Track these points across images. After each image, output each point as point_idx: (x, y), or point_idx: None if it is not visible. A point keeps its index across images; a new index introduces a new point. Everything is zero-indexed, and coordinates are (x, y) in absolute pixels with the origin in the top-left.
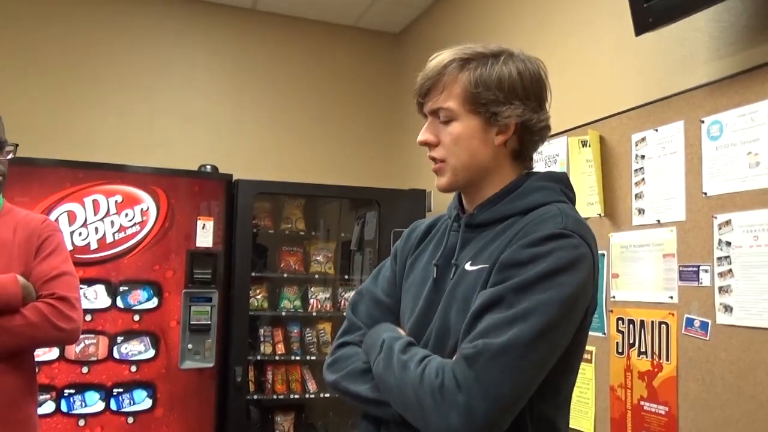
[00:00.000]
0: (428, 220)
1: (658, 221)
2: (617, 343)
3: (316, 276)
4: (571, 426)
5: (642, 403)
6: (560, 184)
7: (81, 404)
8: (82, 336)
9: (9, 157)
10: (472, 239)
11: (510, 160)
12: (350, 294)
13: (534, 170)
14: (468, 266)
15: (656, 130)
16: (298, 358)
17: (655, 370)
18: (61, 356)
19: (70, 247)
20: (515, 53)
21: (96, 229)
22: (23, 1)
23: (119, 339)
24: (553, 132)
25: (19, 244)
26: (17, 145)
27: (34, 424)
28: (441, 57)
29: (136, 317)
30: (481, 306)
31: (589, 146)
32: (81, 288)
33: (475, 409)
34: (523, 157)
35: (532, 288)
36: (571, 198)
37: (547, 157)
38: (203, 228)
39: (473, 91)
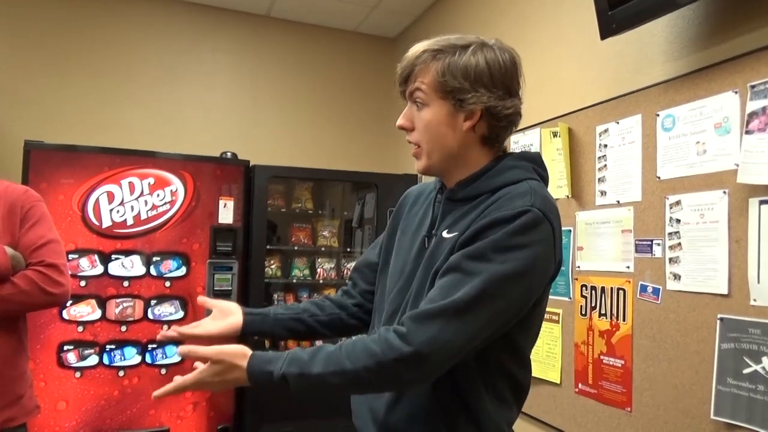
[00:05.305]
0: (418, 187)
1: (618, 201)
2: (581, 306)
3: (323, 249)
4: (540, 377)
5: (602, 357)
6: (533, 163)
7: (120, 358)
8: (121, 299)
9: None
10: (451, 212)
11: (480, 145)
12: (352, 264)
13: (510, 151)
14: (445, 234)
15: (617, 123)
16: None
17: (613, 329)
18: (103, 317)
19: (109, 223)
20: (489, 43)
21: (132, 207)
22: (70, 8)
23: (153, 302)
24: (527, 124)
25: (3, 216)
26: None
27: (28, 380)
28: (416, 48)
29: (167, 283)
30: (441, 271)
31: (559, 137)
32: (119, 258)
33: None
34: (493, 142)
35: (486, 257)
36: (542, 176)
37: (522, 146)
38: (225, 207)
39: (440, 79)
